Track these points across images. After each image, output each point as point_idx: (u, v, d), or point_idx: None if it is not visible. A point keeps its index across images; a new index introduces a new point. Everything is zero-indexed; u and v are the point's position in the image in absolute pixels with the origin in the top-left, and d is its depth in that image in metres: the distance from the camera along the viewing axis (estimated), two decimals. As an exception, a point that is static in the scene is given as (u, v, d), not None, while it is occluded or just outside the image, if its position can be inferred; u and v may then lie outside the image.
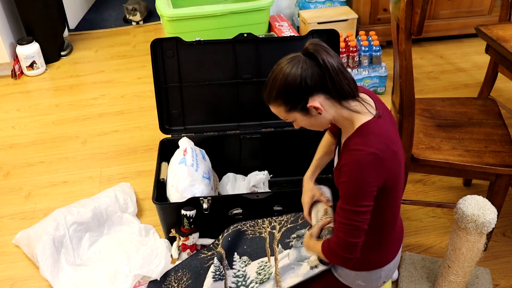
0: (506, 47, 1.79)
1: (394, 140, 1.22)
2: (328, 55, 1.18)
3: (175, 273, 1.76)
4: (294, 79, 1.18)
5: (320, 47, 1.18)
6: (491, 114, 1.87)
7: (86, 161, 2.45)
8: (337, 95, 1.20)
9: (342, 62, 1.21)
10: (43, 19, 3.29)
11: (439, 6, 3.24)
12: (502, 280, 1.77)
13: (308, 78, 1.17)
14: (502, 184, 1.65)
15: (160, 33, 3.76)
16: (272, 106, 1.26)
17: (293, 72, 1.18)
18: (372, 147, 1.16)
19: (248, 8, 2.84)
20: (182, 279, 1.73)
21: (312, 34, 2.01)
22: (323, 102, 1.21)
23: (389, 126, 1.24)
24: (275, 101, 1.23)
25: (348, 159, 1.18)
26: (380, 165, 1.16)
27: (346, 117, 1.24)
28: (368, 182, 1.16)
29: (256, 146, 2.16)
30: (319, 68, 1.17)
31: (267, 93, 1.24)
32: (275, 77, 1.21)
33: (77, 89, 3.10)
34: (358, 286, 1.39)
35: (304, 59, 1.19)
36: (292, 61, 1.20)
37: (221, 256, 1.65)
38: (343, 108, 1.22)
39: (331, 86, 1.18)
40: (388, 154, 1.18)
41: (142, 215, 2.11)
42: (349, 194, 1.19)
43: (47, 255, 1.79)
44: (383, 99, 2.80)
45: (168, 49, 2.00)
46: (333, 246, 1.23)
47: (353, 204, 1.18)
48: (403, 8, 1.41)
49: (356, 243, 1.20)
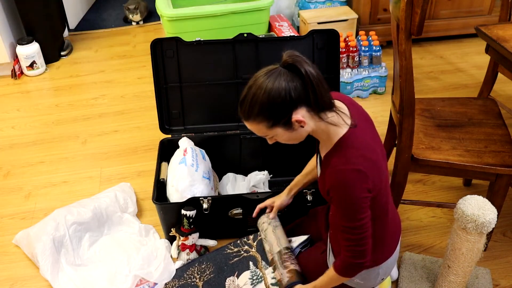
0: (506, 47, 1.79)
1: (371, 146, 1.23)
2: (308, 65, 1.15)
3: (199, 265, 1.76)
4: (278, 93, 1.13)
5: (300, 58, 1.15)
6: (491, 114, 1.87)
7: (86, 161, 2.45)
8: (316, 107, 1.18)
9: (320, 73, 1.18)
10: (43, 19, 3.29)
11: (439, 6, 3.24)
12: (502, 280, 1.77)
13: (292, 91, 1.13)
14: (502, 184, 1.65)
15: (160, 33, 3.76)
16: (251, 124, 1.21)
17: (276, 85, 1.13)
18: (353, 164, 1.17)
19: (248, 8, 2.84)
20: (205, 271, 1.73)
21: (312, 34, 2.01)
22: (305, 114, 1.18)
23: (366, 133, 1.25)
24: (256, 118, 1.18)
25: (334, 181, 1.19)
26: (365, 178, 1.18)
27: (323, 129, 1.23)
28: (359, 197, 1.18)
29: (256, 146, 2.16)
30: (301, 79, 1.14)
31: (245, 110, 1.18)
32: (255, 93, 1.15)
33: (77, 89, 3.10)
34: (356, 284, 1.40)
35: (284, 72, 1.15)
36: (271, 74, 1.15)
37: (255, 260, 1.65)
38: (320, 120, 1.21)
39: (312, 98, 1.16)
40: (369, 165, 1.19)
41: (142, 215, 2.11)
42: (346, 214, 1.21)
43: (47, 255, 1.79)
44: (383, 99, 2.85)
45: (168, 49, 2.00)
46: (347, 260, 1.26)
47: (353, 220, 1.20)
48: (403, 8, 1.41)
49: (365, 249, 1.24)
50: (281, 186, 2.18)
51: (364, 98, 2.86)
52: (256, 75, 1.18)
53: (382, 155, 1.28)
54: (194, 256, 1.83)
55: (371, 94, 2.90)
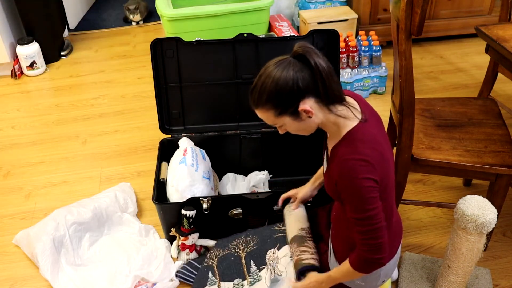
0: (506, 47, 1.79)
1: (380, 142, 1.22)
2: (318, 57, 1.17)
3: (245, 237, 1.76)
4: (285, 82, 1.16)
5: (310, 49, 1.17)
6: (491, 114, 1.87)
7: (86, 161, 2.45)
8: (326, 98, 1.20)
9: (330, 65, 1.20)
10: (43, 19, 3.29)
11: (439, 6, 3.24)
12: (502, 280, 1.77)
13: (300, 81, 1.16)
14: (502, 184, 1.65)
15: (160, 33, 3.76)
16: (260, 111, 1.24)
17: (284, 75, 1.16)
18: (361, 154, 1.17)
19: (248, 8, 2.84)
20: (249, 243, 1.73)
21: (312, 34, 2.01)
22: (313, 105, 1.20)
23: (375, 129, 1.25)
24: (264, 105, 1.21)
25: (340, 172, 1.19)
26: (373, 169, 1.17)
27: (333, 122, 1.24)
28: (367, 188, 1.17)
29: (256, 146, 2.16)
30: (310, 70, 1.17)
31: (255, 97, 1.22)
32: (264, 81, 1.18)
33: (77, 89, 3.10)
34: (357, 285, 1.39)
35: (294, 62, 1.17)
36: (281, 64, 1.18)
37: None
38: (330, 113, 1.22)
39: (321, 89, 1.18)
40: (377, 157, 1.19)
41: (142, 215, 2.11)
42: (356, 205, 1.20)
43: (47, 255, 1.79)
44: (383, 99, 2.85)
45: (168, 49, 2.00)
46: (363, 254, 1.23)
47: (363, 212, 1.19)
48: (403, 8, 1.41)
49: (381, 243, 1.21)
50: (281, 186, 2.20)
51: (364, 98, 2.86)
52: (267, 65, 1.21)
53: (390, 154, 1.27)
54: (194, 256, 1.83)
55: (371, 94, 2.90)
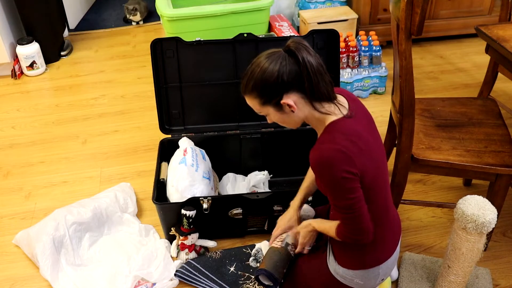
0: (506, 47, 1.79)
1: (363, 138, 1.23)
2: (308, 54, 1.19)
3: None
4: (271, 73, 1.20)
5: (302, 46, 1.20)
6: (491, 114, 1.87)
7: (86, 161, 2.45)
8: (312, 95, 1.22)
9: (323, 64, 1.22)
10: (43, 19, 3.29)
11: (439, 6, 3.24)
12: (502, 280, 1.77)
13: (285, 75, 1.19)
14: (502, 184, 1.65)
15: (160, 33, 3.76)
16: (248, 97, 1.29)
17: (271, 67, 1.20)
18: (338, 144, 1.19)
19: (248, 8, 2.84)
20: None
21: (312, 34, 2.01)
22: (297, 100, 1.23)
23: (360, 126, 1.26)
24: (251, 92, 1.26)
25: (316, 158, 1.20)
26: (349, 160, 1.18)
27: (317, 118, 1.27)
28: (340, 177, 1.18)
29: (256, 146, 2.16)
30: (297, 66, 1.19)
31: (244, 84, 1.27)
32: (253, 70, 1.23)
33: (77, 89, 3.10)
34: (356, 284, 1.40)
35: (284, 56, 1.21)
36: (271, 56, 1.22)
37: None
38: (315, 109, 1.24)
39: (307, 86, 1.20)
40: (356, 151, 1.19)
41: (142, 215, 2.11)
42: (333, 193, 1.23)
43: (47, 255, 1.79)
44: (383, 99, 2.85)
45: (168, 49, 2.00)
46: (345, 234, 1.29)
47: (342, 198, 1.22)
48: (403, 8, 1.41)
49: (362, 227, 1.25)
50: (281, 186, 2.20)
51: (364, 98, 2.86)
52: (260, 54, 1.25)
53: (378, 152, 1.28)
54: (193, 256, 1.83)
55: (371, 94, 2.90)
